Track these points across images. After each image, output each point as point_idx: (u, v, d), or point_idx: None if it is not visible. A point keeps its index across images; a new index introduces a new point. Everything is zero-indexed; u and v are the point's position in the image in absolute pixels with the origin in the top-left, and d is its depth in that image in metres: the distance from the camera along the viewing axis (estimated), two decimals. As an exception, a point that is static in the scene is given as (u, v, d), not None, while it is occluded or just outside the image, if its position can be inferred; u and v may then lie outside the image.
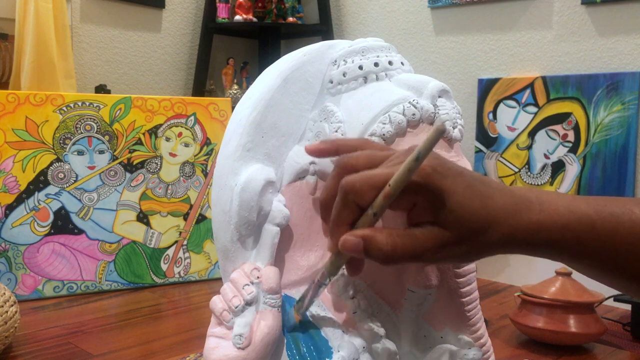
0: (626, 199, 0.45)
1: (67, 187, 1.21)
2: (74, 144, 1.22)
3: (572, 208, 0.43)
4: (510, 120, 1.54)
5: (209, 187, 1.35)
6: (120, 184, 1.26)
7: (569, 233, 0.43)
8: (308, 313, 0.51)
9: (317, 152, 0.49)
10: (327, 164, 0.52)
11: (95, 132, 1.23)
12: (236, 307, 0.48)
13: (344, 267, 0.45)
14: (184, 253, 1.31)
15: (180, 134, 1.32)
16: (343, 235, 0.42)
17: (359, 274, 0.46)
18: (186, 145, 1.33)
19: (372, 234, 0.41)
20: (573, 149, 2.01)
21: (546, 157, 2.08)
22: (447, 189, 0.41)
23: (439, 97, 0.53)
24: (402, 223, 0.47)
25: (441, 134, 0.39)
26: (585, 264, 0.45)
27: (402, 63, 0.56)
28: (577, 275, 1.03)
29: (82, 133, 1.22)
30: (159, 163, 1.30)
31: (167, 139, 1.31)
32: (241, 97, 0.55)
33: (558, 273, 1.03)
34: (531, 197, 0.44)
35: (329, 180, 0.45)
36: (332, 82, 0.55)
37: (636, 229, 0.42)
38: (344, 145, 0.48)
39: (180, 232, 1.32)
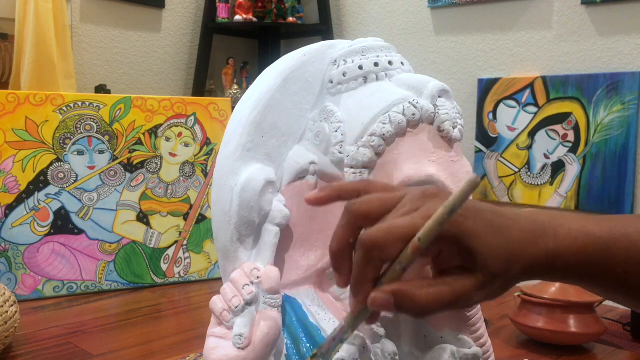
0: (637, 217, 0.46)
1: (67, 187, 1.21)
2: (74, 144, 1.22)
3: (585, 231, 0.44)
4: (510, 120, 1.54)
5: (209, 187, 1.35)
6: (120, 184, 1.26)
7: (584, 257, 0.43)
8: (307, 313, 0.51)
9: (319, 201, 0.46)
10: (327, 163, 0.52)
11: (95, 132, 1.23)
12: (236, 307, 0.48)
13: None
14: (184, 253, 1.32)
15: (180, 134, 1.32)
16: (368, 291, 0.40)
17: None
18: (186, 145, 1.33)
19: (403, 288, 0.39)
20: (573, 149, 2.01)
21: (546, 157, 2.08)
22: (470, 232, 0.40)
23: (439, 97, 0.53)
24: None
25: (475, 186, 0.38)
26: (602, 286, 0.46)
27: (402, 63, 0.56)
28: (577, 275, 1.04)
29: (82, 133, 1.22)
30: (159, 163, 1.30)
31: (167, 139, 1.31)
32: (241, 97, 0.55)
33: (558, 273, 1.03)
34: (544, 222, 0.44)
35: (339, 229, 0.42)
36: (332, 82, 0.55)
37: None
38: (346, 190, 0.46)
39: (180, 232, 1.32)
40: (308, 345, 0.49)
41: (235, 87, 2.20)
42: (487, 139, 2.16)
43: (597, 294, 0.47)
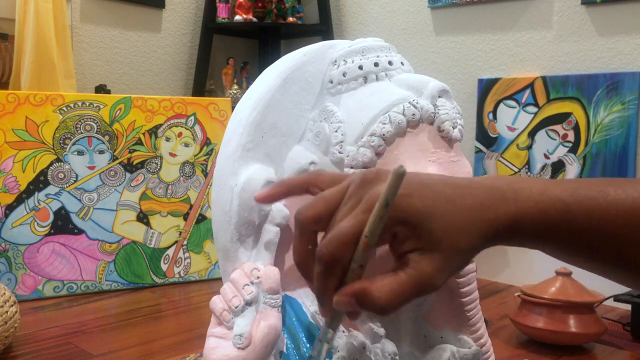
0: (600, 179, 0.44)
1: (67, 187, 1.21)
2: (74, 144, 1.22)
3: (547, 193, 0.43)
4: (510, 120, 1.54)
5: (209, 187, 1.35)
6: (120, 184, 1.25)
7: (546, 220, 0.42)
8: (307, 313, 0.51)
9: (268, 198, 0.46)
10: (327, 163, 0.52)
11: (95, 132, 1.23)
12: (236, 307, 0.48)
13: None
14: (184, 253, 1.31)
15: (180, 134, 1.32)
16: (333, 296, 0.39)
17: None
18: (186, 145, 1.33)
19: (362, 287, 0.39)
20: (573, 149, 2.01)
21: (546, 157, 2.08)
22: (417, 210, 0.39)
23: (439, 97, 0.53)
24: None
25: (401, 177, 0.37)
26: (565, 250, 0.44)
27: (402, 63, 0.56)
28: (577, 275, 1.03)
29: (82, 133, 1.22)
30: (159, 163, 1.30)
31: (167, 139, 1.31)
32: (241, 97, 0.55)
33: (558, 273, 1.03)
34: (503, 186, 0.43)
35: (296, 242, 0.42)
36: (332, 82, 0.55)
37: (611, 211, 0.42)
38: (294, 184, 0.46)
39: (180, 232, 1.32)
40: (308, 345, 0.49)
41: (235, 87, 2.20)
42: (487, 139, 2.16)
43: (562, 259, 0.46)
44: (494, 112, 1.57)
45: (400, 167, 0.37)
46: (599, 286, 1.09)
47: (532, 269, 1.41)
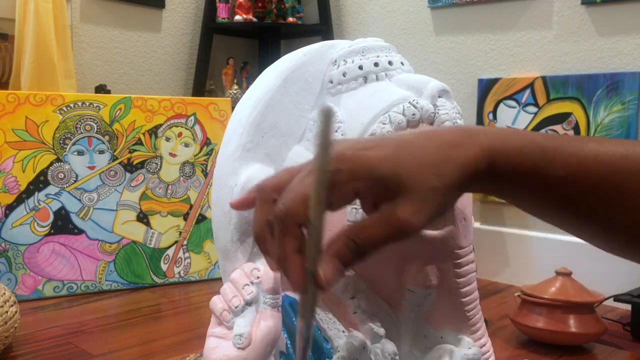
0: (583, 137, 0.43)
1: (67, 187, 1.21)
2: (74, 144, 1.22)
3: (522, 134, 0.41)
4: (510, 120, 1.54)
5: (209, 187, 1.35)
6: (120, 184, 1.25)
7: (523, 157, 0.40)
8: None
9: (242, 204, 0.44)
10: (327, 164, 0.52)
11: (95, 132, 1.23)
12: (236, 307, 0.48)
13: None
14: (184, 253, 1.31)
15: (180, 134, 1.32)
16: (298, 264, 0.37)
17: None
18: (186, 145, 1.33)
19: (341, 245, 0.37)
20: (573, 149, 2.00)
21: (546, 157, 2.07)
22: (376, 159, 0.37)
23: (439, 97, 0.53)
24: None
25: (330, 113, 0.35)
26: (536, 196, 0.42)
27: (402, 63, 0.56)
28: (577, 276, 1.04)
29: (82, 133, 1.22)
30: (159, 163, 1.30)
31: (167, 139, 1.31)
32: (241, 97, 0.55)
33: (558, 273, 1.03)
34: (473, 127, 0.41)
35: (257, 212, 0.40)
36: (332, 82, 0.55)
37: (588, 160, 0.41)
38: (266, 187, 0.43)
39: (180, 232, 1.31)
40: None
41: (235, 87, 2.20)
42: (487, 139, 2.14)
43: (535, 211, 0.44)
44: (494, 112, 1.57)
45: (326, 104, 0.35)
46: (599, 286, 1.10)
47: (532, 269, 1.41)
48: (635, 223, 0.41)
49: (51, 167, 1.19)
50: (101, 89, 1.88)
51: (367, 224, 0.38)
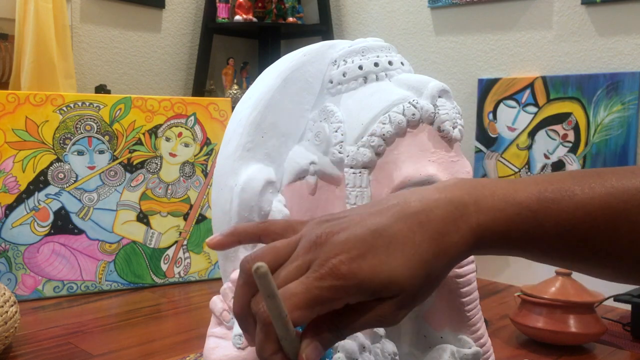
0: (567, 175, 0.43)
1: (67, 187, 1.21)
2: (74, 144, 1.22)
3: (510, 200, 0.41)
4: (510, 120, 1.54)
5: (209, 187, 1.35)
6: (120, 184, 1.26)
7: (511, 228, 0.41)
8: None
9: (218, 245, 0.45)
10: (327, 163, 0.52)
11: (95, 132, 1.23)
12: (236, 307, 0.48)
13: None
14: (184, 253, 1.32)
15: (180, 134, 1.32)
16: (275, 354, 0.38)
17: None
18: (186, 145, 1.33)
19: (323, 333, 0.38)
20: (573, 149, 2.01)
21: (546, 157, 2.08)
22: (372, 271, 0.37)
23: (439, 97, 0.53)
24: None
25: (265, 275, 0.35)
26: (536, 254, 0.44)
27: (402, 63, 0.56)
28: (577, 275, 1.03)
29: (82, 133, 1.22)
30: (159, 163, 1.30)
31: (167, 139, 1.31)
32: (241, 97, 0.55)
33: (558, 273, 1.03)
34: (463, 198, 0.41)
35: (238, 289, 0.40)
36: (332, 82, 0.55)
37: (578, 213, 0.41)
38: (244, 233, 0.44)
39: (180, 232, 1.32)
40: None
41: (235, 87, 2.20)
42: (487, 139, 2.16)
43: (533, 260, 0.45)
44: (494, 112, 1.56)
45: (258, 267, 0.35)
46: (599, 286, 1.09)
47: (532, 269, 1.41)
48: (634, 259, 0.42)
49: (51, 167, 1.19)
50: (101, 89, 1.88)
51: (352, 313, 0.38)
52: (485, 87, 1.58)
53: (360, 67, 0.54)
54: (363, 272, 0.37)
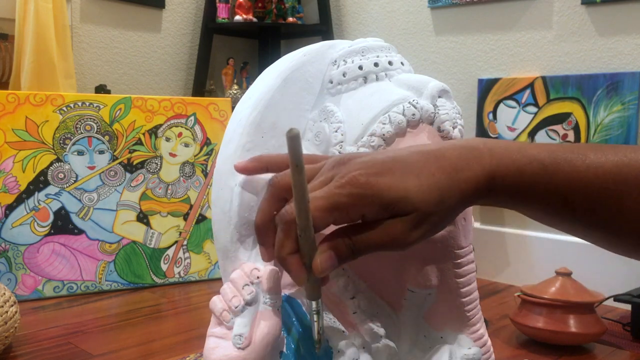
0: (582, 144, 0.44)
1: (67, 187, 1.21)
2: (74, 144, 1.22)
3: (524, 152, 0.43)
4: (510, 120, 1.54)
5: (209, 187, 1.35)
6: (120, 184, 1.26)
7: (524, 178, 0.42)
8: (308, 313, 0.51)
9: (246, 169, 0.48)
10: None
11: (95, 132, 1.23)
12: (236, 307, 0.48)
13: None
14: (184, 253, 1.31)
15: (180, 134, 1.32)
16: (295, 262, 0.41)
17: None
18: (186, 145, 1.33)
19: (338, 240, 0.41)
20: (573, 149, 1.99)
21: (546, 157, 2.07)
22: (387, 186, 0.40)
23: (439, 97, 0.53)
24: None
25: (297, 137, 0.38)
26: (540, 208, 0.44)
27: (402, 63, 0.56)
28: (577, 276, 1.04)
29: (82, 133, 1.22)
30: (159, 163, 1.30)
31: (167, 139, 1.31)
32: (241, 97, 0.55)
33: (558, 273, 1.03)
34: (478, 145, 0.43)
35: (264, 202, 0.44)
36: (332, 82, 0.55)
37: (589, 173, 0.42)
38: (273, 162, 0.47)
39: (180, 232, 1.32)
40: (308, 345, 0.49)
41: (235, 87, 2.20)
42: (487, 139, 2.14)
43: (538, 219, 0.46)
44: (494, 112, 1.57)
45: (292, 129, 0.37)
46: (599, 286, 1.10)
47: (532, 269, 1.41)
48: (639, 229, 0.42)
49: (51, 167, 1.19)
50: (101, 89, 1.88)
51: (367, 228, 0.41)
52: (485, 87, 1.58)
53: (360, 67, 0.54)
54: (379, 185, 0.40)
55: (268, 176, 0.51)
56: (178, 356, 0.89)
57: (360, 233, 0.41)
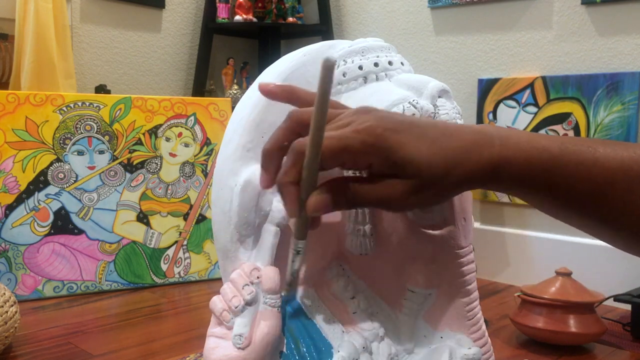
0: (592, 139, 0.45)
1: (67, 187, 1.21)
2: (74, 144, 1.22)
3: (534, 143, 0.43)
4: (510, 120, 1.54)
5: (209, 187, 1.35)
6: (120, 184, 1.26)
7: (531, 167, 0.43)
8: (308, 313, 0.51)
9: (270, 93, 0.49)
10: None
11: (95, 132, 1.23)
12: (236, 307, 0.48)
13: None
14: (184, 253, 1.31)
15: (180, 134, 1.32)
16: (294, 192, 0.42)
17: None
18: (186, 145, 1.33)
19: (339, 184, 0.42)
20: (573, 149, 1.99)
21: (546, 157, 2.07)
22: (399, 144, 0.41)
23: (439, 97, 0.53)
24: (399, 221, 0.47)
25: (332, 68, 0.38)
26: (546, 200, 0.45)
27: (402, 63, 0.56)
28: (577, 276, 1.04)
29: (82, 133, 1.22)
30: (159, 163, 1.30)
31: (167, 139, 1.31)
32: (241, 97, 0.55)
33: (558, 273, 1.03)
34: (491, 132, 0.44)
35: (279, 130, 0.45)
36: (332, 82, 0.55)
37: (597, 167, 0.42)
38: (298, 95, 0.48)
39: (180, 232, 1.32)
40: (308, 344, 0.49)
41: (235, 87, 2.20)
42: (487, 139, 2.14)
43: (542, 209, 0.46)
44: (494, 112, 1.57)
45: (328, 59, 0.38)
46: (599, 286, 1.10)
47: (532, 269, 1.41)
48: None
49: (51, 167, 1.19)
50: (101, 89, 1.88)
51: (367, 182, 0.42)
52: (485, 87, 1.58)
53: (360, 67, 0.54)
54: (393, 140, 0.41)
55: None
56: (178, 356, 0.89)
57: (360, 187, 0.42)
